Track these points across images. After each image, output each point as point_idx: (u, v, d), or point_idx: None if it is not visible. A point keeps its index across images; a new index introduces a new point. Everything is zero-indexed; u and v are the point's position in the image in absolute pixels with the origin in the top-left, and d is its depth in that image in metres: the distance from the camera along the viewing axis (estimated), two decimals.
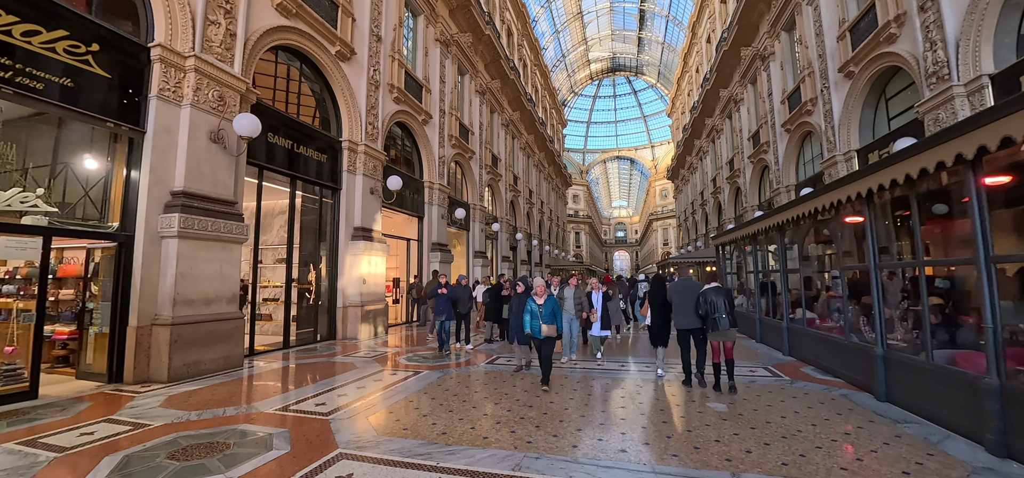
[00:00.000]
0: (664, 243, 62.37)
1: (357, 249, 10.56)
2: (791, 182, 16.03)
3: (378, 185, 11.45)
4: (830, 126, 12.63)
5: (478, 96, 19.95)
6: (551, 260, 35.94)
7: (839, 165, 12.07)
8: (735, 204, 23.85)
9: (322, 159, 10.17)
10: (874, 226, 5.11)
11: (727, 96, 23.00)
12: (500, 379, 6.32)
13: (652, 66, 48.53)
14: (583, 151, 71.18)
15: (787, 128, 15.66)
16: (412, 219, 14.67)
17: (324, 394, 5.51)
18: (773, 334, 8.70)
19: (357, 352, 8.61)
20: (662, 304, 6.46)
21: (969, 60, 7.92)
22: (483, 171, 20.16)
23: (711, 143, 28.05)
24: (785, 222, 7.36)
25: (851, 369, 5.72)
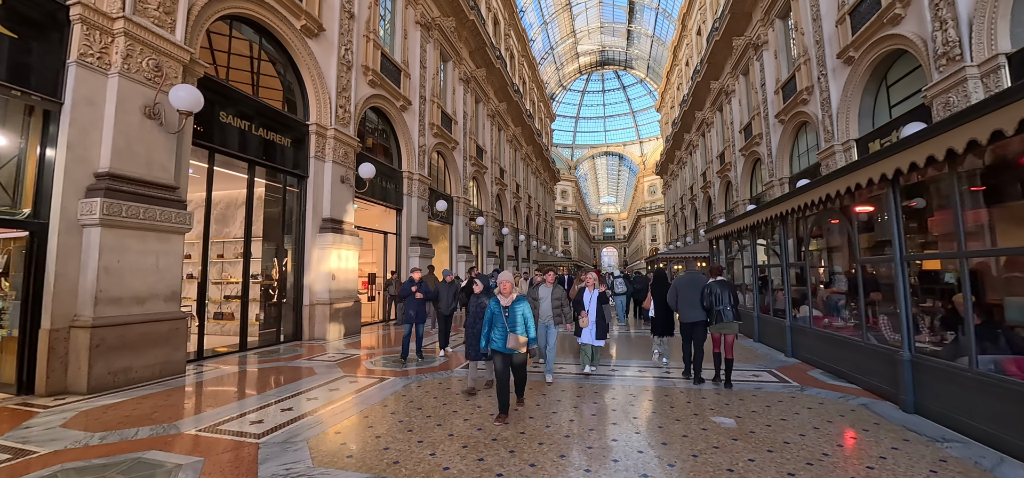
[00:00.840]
0: (652, 239, 62.18)
1: (325, 242, 9.70)
2: (784, 174, 15.53)
3: (350, 173, 10.59)
4: (828, 115, 12.10)
5: (462, 84, 19.11)
6: (539, 256, 35.28)
7: (838, 155, 11.54)
8: (726, 199, 23.38)
9: (286, 144, 9.29)
10: (899, 212, 4.47)
11: (718, 88, 22.49)
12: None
13: (641, 60, 48.04)
14: (572, 146, 70.61)
15: (781, 119, 15.14)
16: (390, 211, 13.82)
17: (268, 407, 4.72)
18: (773, 333, 8.09)
19: (322, 355, 7.79)
20: (665, 297, 6.74)
21: (983, 39, 7.37)
22: (467, 163, 19.35)
23: (701, 137, 27.59)
24: (790, 212, 6.72)
25: (869, 374, 5.10)
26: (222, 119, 7.88)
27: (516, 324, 4.35)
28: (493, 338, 4.38)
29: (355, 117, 11.12)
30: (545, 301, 6.25)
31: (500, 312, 4.41)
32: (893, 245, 4.47)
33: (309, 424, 4.19)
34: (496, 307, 4.46)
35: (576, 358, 7.21)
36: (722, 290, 5.57)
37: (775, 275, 8.69)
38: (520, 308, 4.43)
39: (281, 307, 9.32)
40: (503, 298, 4.49)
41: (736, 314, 5.54)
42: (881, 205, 7.19)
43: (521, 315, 4.40)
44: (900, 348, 4.50)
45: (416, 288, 7.30)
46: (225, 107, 7.93)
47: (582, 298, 6.33)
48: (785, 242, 7.37)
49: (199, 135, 7.41)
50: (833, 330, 6.22)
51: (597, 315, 6.21)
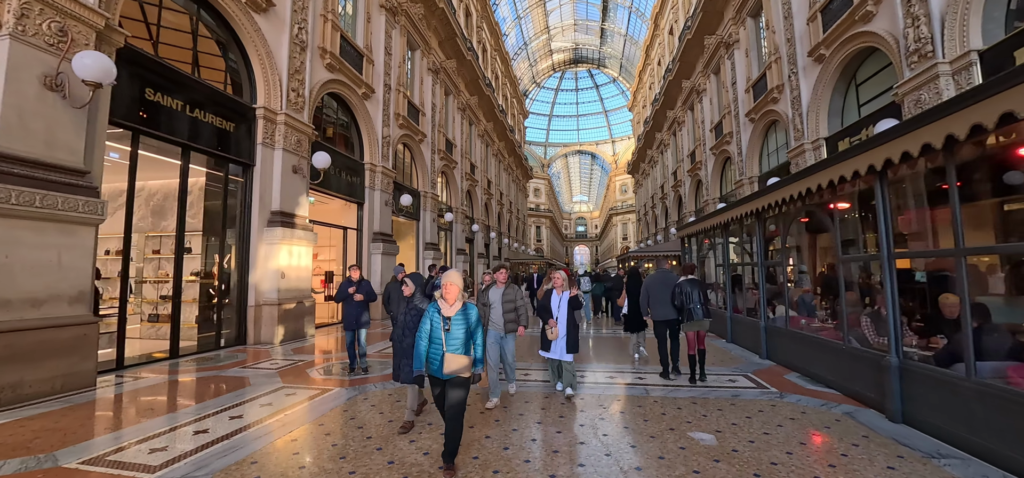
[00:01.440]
0: (623, 238, 62.74)
1: (274, 237, 8.88)
2: (754, 173, 15.54)
3: (303, 163, 9.78)
4: (797, 113, 12.05)
5: (431, 74, 18.37)
6: (511, 253, 34.80)
7: (807, 153, 11.49)
8: (696, 197, 23.49)
9: (229, 128, 8.42)
10: (887, 207, 4.16)
11: (690, 87, 22.52)
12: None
13: (614, 59, 48.20)
14: (545, 144, 70.45)
15: (751, 117, 15.12)
16: (351, 205, 13.00)
17: (179, 429, 4.00)
18: (747, 334, 7.83)
19: (264, 362, 7.03)
20: (639, 294, 6.68)
21: (956, 36, 7.28)
22: (436, 156, 18.63)
23: (672, 136, 27.69)
24: (768, 207, 6.41)
25: (850, 379, 4.80)
26: (149, 97, 6.98)
27: (458, 342, 3.21)
28: (433, 357, 3.24)
29: (310, 103, 10.29)
30: (496, 307, 4.99)
31: (439, 324, 3.25)
32: (880, 243, 4.15)
33: (223, 451, 3.52)
34: (435, 316, 3.28)
35: (541, 364, 6.67)
36: (692, 288, 5.66)
37: (748, 274, 8.45)
38: (466, 320, 3.27)
39: (222, 308, 8.46)
40: (445, 305, 3.29)
41: (706, 312, 5.67)
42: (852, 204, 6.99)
43: (466, 329, 3.25)
44: (886, 353, 4.20)
45: (354, 289, 6.33)
46: (154, 84, 7.04)
47: (549, 303, 5.18)
48: (762, 240, 7.08)
49: (120, 113, 6.51)
50: (811, 331, 5.94)
51: (568, 324, 5.05)
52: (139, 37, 7.27)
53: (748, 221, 7.48)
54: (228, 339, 8.41)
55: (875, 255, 4.25)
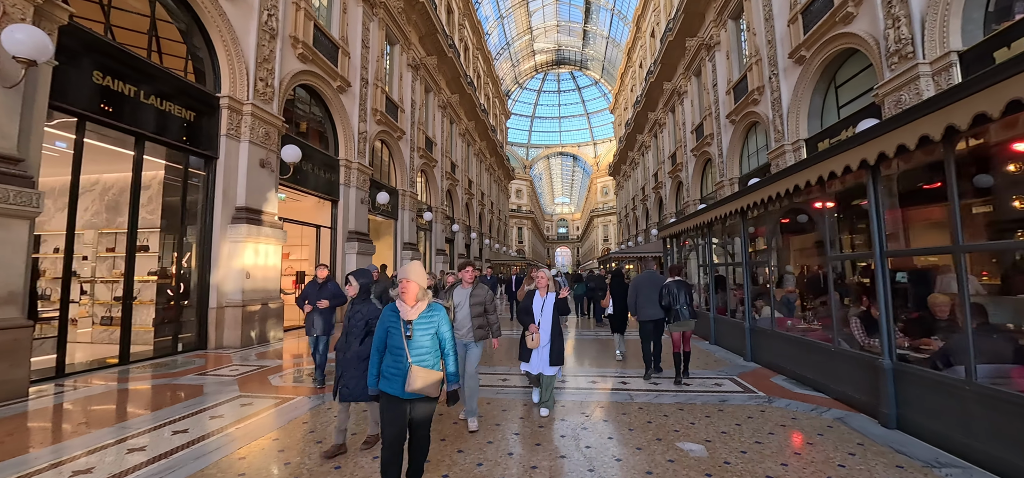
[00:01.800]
0: (604, 239, 63.07)
1: (239, 234, 8.36)
2: (735, 174, 15.58)
3: (272, 157, 9.26)
4: (778, 115, 12.07)
5: (410, 70, 17.92)
6: (492, 254, 34.46)
7: (787, 154, 11.50)
8: (676, 199, 23.58)
9: (189, 117, 7.88)
10: (880, 204, 3.99)
11: (671, 89, 22.60)
12: None
13: (596, 61, 48.38)
14: (527, 145, 70.35)
15: (732, 119, 15.16)
16: (324, 203, 12.49)
17: (110, 447, 3.56)
18: (731, 335, 7.68)
19: (224, 367, 6.54)
20: (622, 296, 7.06)
21: (936, 37, 7.29)
22: (415, 155, 18.19)
23: (653, 138, 27.81)
24: (753, 206, 6.25)
25: (840, 382, 4.64)
26: (98, 82, 6.42)
27: (425, 351, 2.62)
28: (384, 372, 2.63)
29: (280, 94, 9.78)
30: (462, 308, 4.20)
31: (400, 329, 2.61)
32: (873, 241, 3.99)
33: (159, 472, 3.11)
34: (393, 320, 2.65)
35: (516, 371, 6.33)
36: (679, 289, 5.75)
37: (731, 274, 8.32)
38: (432, 325, 2.68)
39: (181, 310, 7.90)
40: (405, 307, 2.65)
41: (692, 313, 5.76)
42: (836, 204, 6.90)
43: (434, 336, 2.67)
44: (879, 355, 4.03)
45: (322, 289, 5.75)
46: (104, 68, 6.49)
47: (531, 306, 4.49)
48: (746, 239, 6.93)
49: (65, 96, 5.95)
50: (797, 333, 5.79)
51: (553, 331, 4.40)
52: (89, 18, 6.70)
53: (733, 220, 7.32)
54: (187, 343, 7.86)
55: (867, 253, 4.07)
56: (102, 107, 6.48)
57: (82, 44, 6.20)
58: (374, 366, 2.69)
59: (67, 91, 6.00)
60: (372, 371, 2.67)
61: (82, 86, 6.22)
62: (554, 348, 4.37)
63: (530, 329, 4.41)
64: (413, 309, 2.65)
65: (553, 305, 4.48)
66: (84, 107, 6.26)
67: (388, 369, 2.62)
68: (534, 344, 4.32)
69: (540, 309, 4.47)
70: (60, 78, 5.83)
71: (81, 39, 6.18)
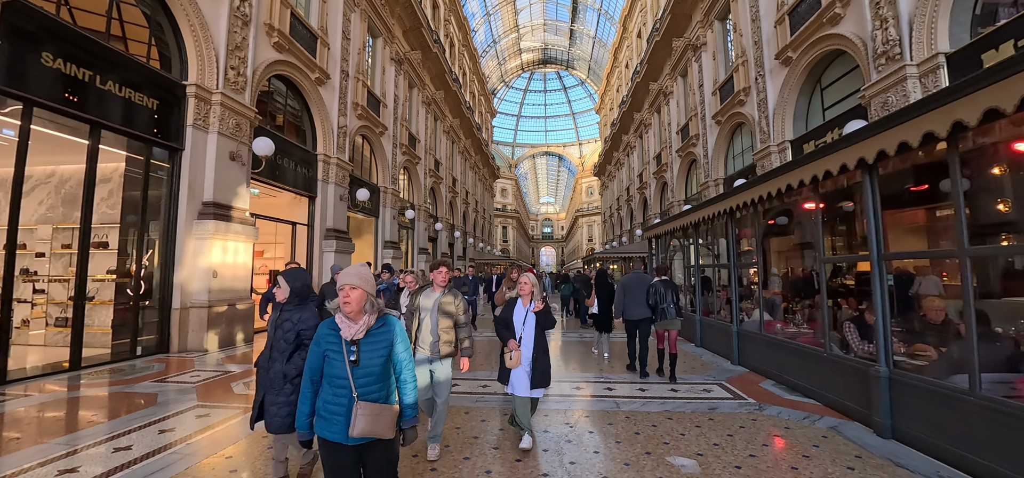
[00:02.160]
0: (589, 239, 63.24)
1: (205, 230, 7.90)
2: (719, 175, 15.57)
3: (243, 149, 8.80)
4: (764, 116, 12.04)
5: (394, 64, 17.48)
6: (476, 253, 34.11)
7: (773, 156, 11.47)
8: (661, 199, 23.60)
9: (151, 105, 7.40)
10: (877, 204, 3.83)
11: (657, 89, 22.59)
12: None
13: (583, 61, 48.39)
14: (513, 145, 70.13)
15: (718, 120, 15.13)
16: (301, 199, 12.02)
17: (35, 470, 3.16)
18: (717, 338, 7.53)
19: (186, 373, 6.12)
20: (607, 295, 7.32)
21: (923, 38, 7.24)
22: (398, 151, 17.75)
23: (639, 138, 27.83)
24: (742, 206, 6.09)
25: (832, 390, 4.48)
26: (47, 64, 5.93)
27: (373, 378, 2.00)
28: (321, 410, 2.00)
29: (254, 84, 9.32)
30: (429, 317, 3.45)
31: (342, 353, 2.00)
32: (870, 243, 3.82)
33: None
34: (333, 342, 2.03)
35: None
36: (665, 289, 5.94)
37: (717, 275, 8.17)
38: (383, 345, 2.06)
39: (142, 311, 7.41)
40: (346, 323, 2.03)
41: (678, 312, 5.96)
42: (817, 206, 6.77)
43: (383, 359, 2.05)
44: (874, 361, 3.87)
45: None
46: (54, 49, 6.00)
47: (511, 317, 3.67)
48: (733, 240, 6.78)
49: (8, 82, 5.47)
50: (786, 337, 5.64)
51: (536, 348, 3.57)
52: None
53: (721, 220, 7.17)
54: (148, 346, 7.38)
55: (864, 255, 3.90)
56: (53, 92, 5.99)
57: (29, 22, 5.71)
58: (305, 401, 2.03)
59: (10, 73, 5.51)
60: (303, 408, 2.03)
61: (28, 68, 5.73)
62: (537, 368, 3.53)
63: (509, 345, 3.52)
64: (358, 325, 2.01)
65: (537, 317, 3.63)
66: (31, 92, 5.76)
67: (326, 406, 1.96)
68: (513, 363, 3.47)
69: (521, 321, 3.63)
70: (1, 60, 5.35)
71: (28, 16, 5.69)
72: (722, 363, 6.78)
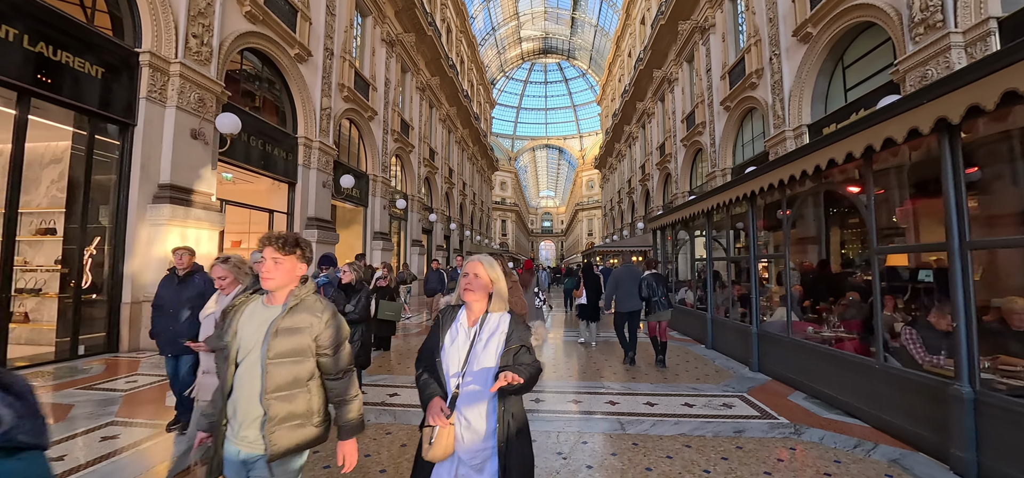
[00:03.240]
0: (589, 233, 62.42)
1: (160, 216, 7.07)
2: (728, 164, 14.71)
3: (207, 127, 7.95)
4: (779, 99, 11.17)
5: (385, 46, 16.58)
6: (473, 246, 33.29)
7: (788, 141, 10.61)
8: (664, 192, 22.75)
9: (96, 73, 6.54)
10: (961, 178, 3.00)
11: (661, 76, 21.66)
12: None
13: (584, 51, 47.33)
14: (512, 137, 69.10)
15: (726, 105, 14.25)
16: (281, 185, 11.18)
17: None
18: (732, 340, 6.71)
19: (123, 377, 5.32)
20: (594, 287, 7.84)
21: (971, 3, 6.38)
22: (389, 138, 16.88)
23: (641, 129, 26.93)
24: (762, 190, 5.25)
25: (888, 409, 3.66)
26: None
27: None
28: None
29: (221, 55, 8.46)
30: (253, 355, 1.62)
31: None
32: (949, 227, 2.99)
33: None
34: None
35: None
36: (656, 282, 6.23)
37: (728, 270, 7.35)
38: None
39: (85, 306, 6.60)
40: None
41: (669, 303, 6.28)
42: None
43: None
44: (951, 379, 3.05)
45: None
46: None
47: (441, 351, 1.70)
48: (755, 228, 5.94)
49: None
50: (819, 341, 4.81)
51: (504, 419, 1.61)
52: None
53: (740, 206, 6.33)
54: (94, 345, 6.57)
55: (941, 244, 3.07)
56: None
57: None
58: None
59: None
60: None
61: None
62: (511, 461, 1.58)
63: (431, 412, 1.57)
64: None
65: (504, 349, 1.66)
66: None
67: None
68: (435, 454, 1.55)
69: (466, 358, 1.66)
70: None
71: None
72: (739, 369, 5.97)
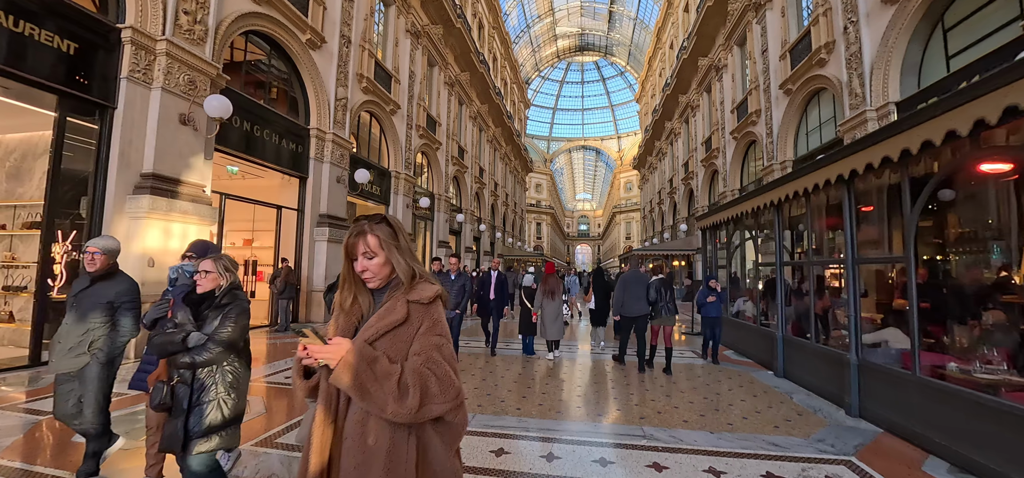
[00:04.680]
0: (627, 237, 60.11)
1: (139, 208, 6.34)
2: (788, 157, 12.91)
3: (198, 113, 7.21)
4: (856, 74, 9.41)
5: (410, 37, 15.79)
6: (504, 249, 32.23)
7: (870, 123, 8.85)
8: (710, 190, 20.87)
9: (67, 49, 5.87)
10: None
11: (707, 64, 19.84)
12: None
13: (622, 46, 45.43)
14: (548, 138, 67.72)
15: (787, 88, 12.50)
16: (290, 180, 10.46)
17: None
18: (815, 369, 5.19)
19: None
20: (604, 291, 8.17)
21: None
22: (414, 133, 16.07)
23: (684, 124, 25.05)
24: (874, 166, 3.80)
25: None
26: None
27: None
28: None
29: (218, 36, 7.75)
30: None
31: None
32: None
33: None
34: None
35: None
36: (665, 289, 6.28)
37: (811, 275, 5.81)
38: None
39: (55, 307, 5.93)
40: None
41: (674, 309, 6.31)
42: None
43: None
44: None
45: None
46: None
47: None
48: (853, 222, 4.45)
49: None
50: (967, 384, 3.30)
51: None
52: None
53: (823, 193, 4.84)
54: None
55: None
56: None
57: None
58: None
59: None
60: None
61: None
62: None
63: None
64: None
65: None
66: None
67: None
68: None
69: None
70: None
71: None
72: (830, 411, 4.48)
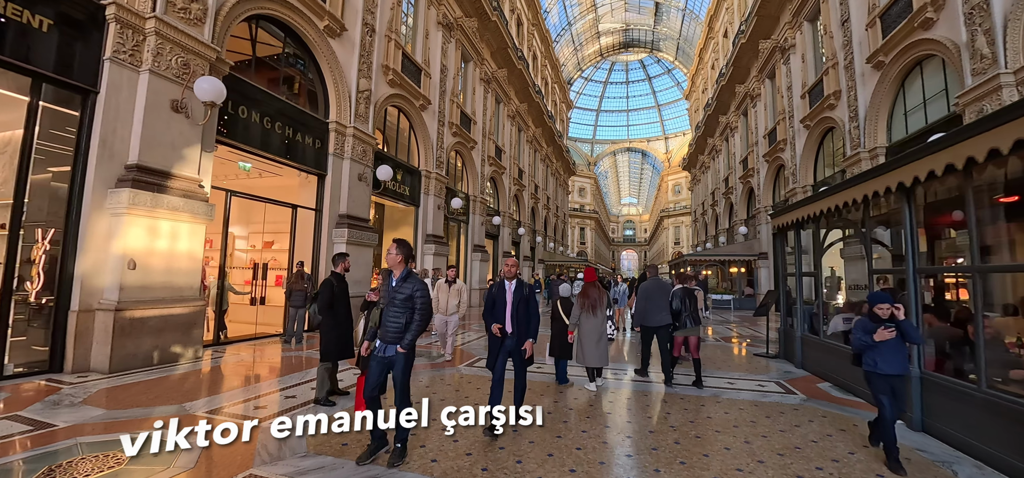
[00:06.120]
0: (675, 242, 57.06)
1: (120, 202, 5.66)
2: (879, 143, 10.85)
3: (194, 100, 6.51)
4: (981, 30, 7.45)
5: (442, 30, 14.95)
6: (546, 254, 30.91)
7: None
8: (774, 189, 18.67)
9: (40, 26, 5.28)
10: None
11: (770, 46, 17.74)
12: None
13: (670, 40, 43.05)
14: (592, 141, 65.80)
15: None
16: (309, 178, 9.75)
17: None
18: (986, 427, 3.59)
19: (28, 410, 3.73)
20: None
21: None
22: (446, 131, 15.20)
23: (742, 117, 22.83)
24: None
25: None
26: None
27: None
28: None
29: (220, 19, 7.09)
30: None
31: None
32: None
33: None
34: None
35: None
36: (687, 298, 6.07)
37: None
38: None
39: (21, 313, 5.31)
40: None
41: (696, 320, 6.03)
42: None
43: None
44: None
45: None
46: None
47: None
48: (975, 227, 2.87)
49: None
50: None
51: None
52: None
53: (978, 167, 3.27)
54: (32, 363, 5.25)
55: None
56: None
57: None
58: None
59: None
60: None
61: None
62: None
63: None
64: None
65: None
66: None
67: None
68: None
69: None
70: None
71: None
72: (934, 448, 2.92)
